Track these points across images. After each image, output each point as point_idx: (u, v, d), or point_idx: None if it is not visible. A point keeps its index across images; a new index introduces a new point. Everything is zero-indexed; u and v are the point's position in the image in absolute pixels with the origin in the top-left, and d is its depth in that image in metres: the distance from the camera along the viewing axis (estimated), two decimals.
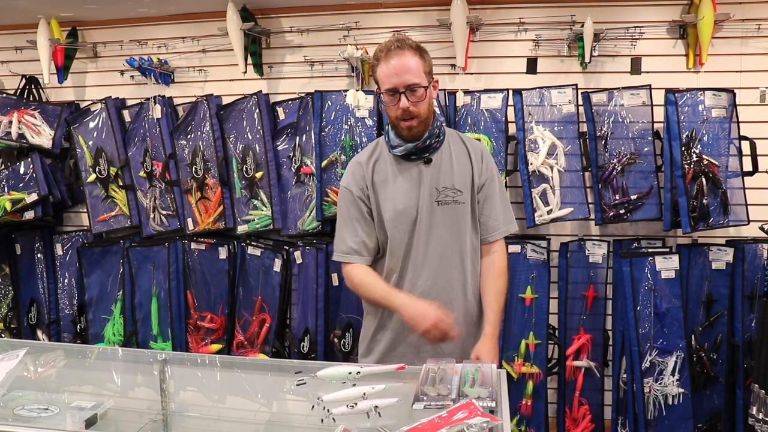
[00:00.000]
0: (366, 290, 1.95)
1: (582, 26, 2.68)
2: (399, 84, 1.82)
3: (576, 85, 2.74)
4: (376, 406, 1.38)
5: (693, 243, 2.77)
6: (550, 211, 2.72)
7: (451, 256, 1.93)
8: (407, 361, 1.77)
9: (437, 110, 2.75)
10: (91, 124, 3.14)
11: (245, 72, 2.94)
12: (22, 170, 3.07)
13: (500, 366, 2.10)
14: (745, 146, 2.62)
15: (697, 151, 2.59)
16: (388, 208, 1.92)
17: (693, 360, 2.65)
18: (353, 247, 1.94)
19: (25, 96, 3.24)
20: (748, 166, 2.61)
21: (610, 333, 2.83)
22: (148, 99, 3.06)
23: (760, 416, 2.23)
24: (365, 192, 1.94)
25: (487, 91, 2.80)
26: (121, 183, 3.13)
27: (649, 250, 2.68)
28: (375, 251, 1.98)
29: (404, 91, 1.82)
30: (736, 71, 2.76)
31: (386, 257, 1.96)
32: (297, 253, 2.95)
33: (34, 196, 3.03)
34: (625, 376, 2.69)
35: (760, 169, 2.61)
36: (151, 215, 3.12)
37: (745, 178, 2.61)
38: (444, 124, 2.02)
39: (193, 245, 3.05)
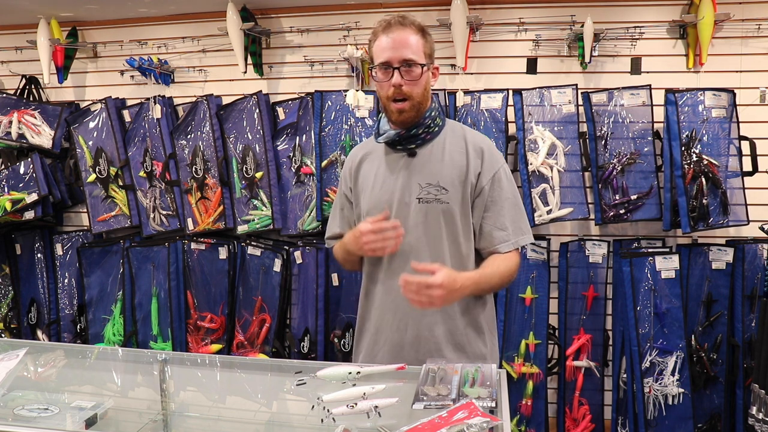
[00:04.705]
0: (337, 253, 1.99)
1: (582, 26, 2.68)
2: (394, 58, 1.69)
3: (576, 85, 2.74)
4: (376, 406, 1.37)
5: (693, 243, 2.77)
6: (549, 211, 2.72)
7: (429, 260, 1.72)
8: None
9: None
10: (91, 124, 3.14)
11: (245, 72, 2.94)
12: (22, 170, 3.07)
13: (500, 366, 2.10)
14: (745, 146, 2.62)
15: (697, 151, 2.59)
16: (365, 202, 1.84)
17: (693, 360, 2.65)
18: (335, 237, 1.99)
19: (25, 96, 3.24)
20: (748, 166, 2.62)
21: (610, 333, 2.83)
22: (148, 99, 3.06)
23: (760, 416, 2.23)
24: (348, 185, 1.92)
25: (487, 91, 2.80)
26: (121, 183, 3.13)
27: (649, 250, 2.68)
28: None
29: (399, 66, 1.68)
30: (736, 71, 2.76)
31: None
32: (297, 253, 2.95)
33: (34, 196, 3.03)
34: (625, 376, 2.69)
35: (760, 169, 2.62)
36: (151, 215, 3.12)
37: (745, 178, 2.62)
38: (443, 116, 1.86)
39: (193, 245, 3.05)
